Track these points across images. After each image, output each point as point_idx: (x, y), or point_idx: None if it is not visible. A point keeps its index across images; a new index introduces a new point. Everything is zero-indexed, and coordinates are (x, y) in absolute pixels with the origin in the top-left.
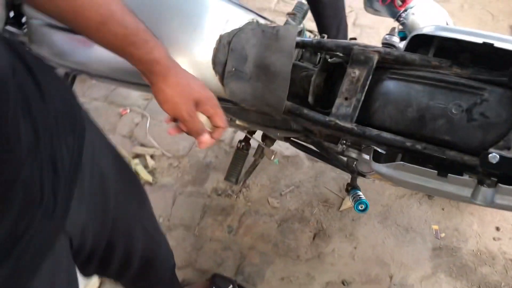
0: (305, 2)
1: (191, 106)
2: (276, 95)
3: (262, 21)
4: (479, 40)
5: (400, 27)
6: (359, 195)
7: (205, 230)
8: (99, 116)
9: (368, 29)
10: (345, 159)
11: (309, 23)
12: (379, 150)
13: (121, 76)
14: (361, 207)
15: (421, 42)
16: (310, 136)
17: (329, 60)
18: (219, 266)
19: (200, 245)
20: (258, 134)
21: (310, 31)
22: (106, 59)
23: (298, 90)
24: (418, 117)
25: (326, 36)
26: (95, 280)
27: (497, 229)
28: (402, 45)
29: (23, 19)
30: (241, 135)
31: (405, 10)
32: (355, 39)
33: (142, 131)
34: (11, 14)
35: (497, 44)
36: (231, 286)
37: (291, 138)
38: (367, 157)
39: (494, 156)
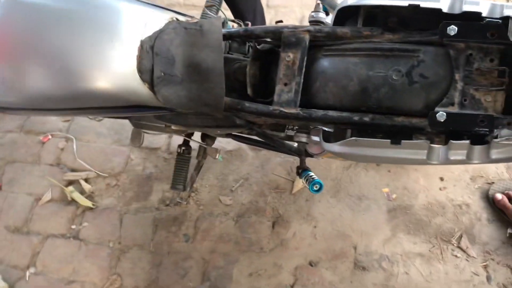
0: None
1: None
2: (213, 93)
3: (181, 18)
4: (405, 3)
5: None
6: (312, 176)
7: (160, 244)
8: (18, 148)
9: (282, 9)
10: (291, 143)
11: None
12: (328, 129)
13: (41, 104)
14: (316, 187)
15: (348, 15)
16: (254, 128)
17: (259, 47)
18: (183, 277)
19: (158, 261)
20: (197, 135)
21: (232, 21)
22: (23, 90)
23: (233, 84)
24: (360, 90)
25: (249, 23)
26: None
27: (441, 179)
28: (329, 20)
29: None
30: (178, 140)
31: None
32: (281, 21)
33: (70, 155)
34: None
35: (423, 4)
36: None
37: (234, 133)
38: (317, 138)
39: (441, 114)
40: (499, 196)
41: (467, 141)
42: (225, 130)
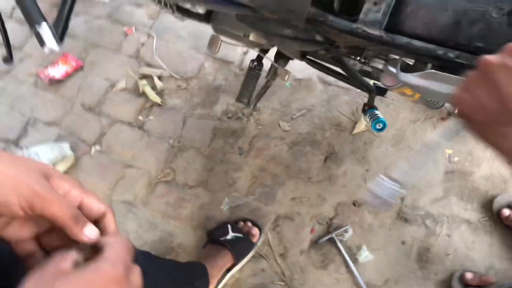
0: None
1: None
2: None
3: None
4: None
5: None
6: (377, 114)
7: (215, 151)
8: (103, 35)
9: None
10: (364, 79)
11: None
12: (407, 60)
13: None
14: (379, 126)
15: None
16: (331, 50)
17: None
18: (230, 186)
19: (210, 166)
20: (271, 54)
21: None
22: None
23: None
24: (453, 22)
25: None
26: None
27: None
28: None
29: None
30: (251, 57)
31: None
32: None
33: (149, 51)
34: None
35: None
36: (229, 226)
37: (308, 57)
38: (393, 69)
39: None
40: (506, 212)
41: None
42: (303, 45)
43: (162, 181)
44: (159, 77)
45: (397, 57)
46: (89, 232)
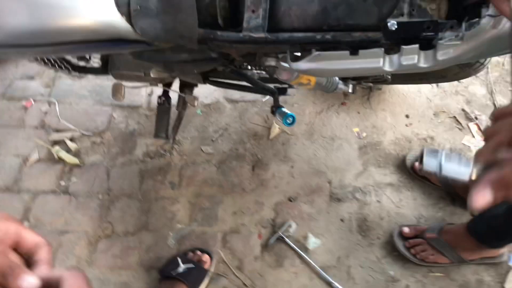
0: None
1: None
2: (187, 24)
3: None
4: None
5: None
6: (284, 110)
7: (148, 192)
8: (1, 114)
9: None
10: (265, 84)
11: None
12: (295, 52)
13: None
14: (289, 120)
15: None
16: (228, 65)
17: None
18: (171, 220)
19: (147, 207)
20: (176, 87)
21: None
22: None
23: (206, 19)
24: (321, 10)
25: None
26: None
27: (407, 116)
28: None
29: None
30: (156, 95)
31: None
32: None
33: (54, 117)
34: None
35: None
36: (179, 258)
37: (210, 79)
38: (285, 63)
39: (392, 24)
40: (417, 165)
41: (416, 45)
42: (203, 66)
43: (102, 237)
44: (71, 139)
45: (285, 52)
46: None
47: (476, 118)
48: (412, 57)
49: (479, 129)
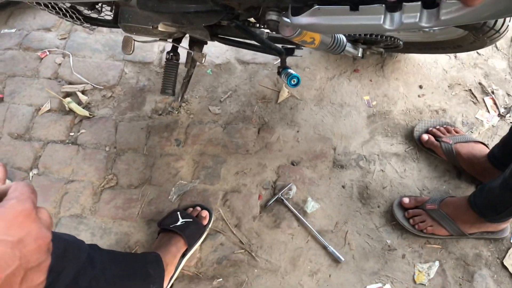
0: None
1: None
2: None
3: None
4: None
5: None
6: (290, 71)
7: (153, 148)
8: (17, 64)
9: None
10: (273, 44)
11: None
12: (296, 5)
13: None
14: (294, 81)
15: None
16: (232, 19)
17: None
18: (174, 176)
19: (151, 162)
20: (185, 44)
21: None
22: None
23: None
24: None
25: None
26: None
27: (420, 87)
28: None
29: None
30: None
31: None
32: None
33: (67, 70)
34: None
35: None
36: (178, 213)
37: (219, 36)
38: (287, 19)
39: None
40: (425, 137)
41: (419, 3)
42: (207, 19)
43: (106, 188)
44: (83, 92)
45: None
46: None
47: (492, 92)
48: (414, 15)
49: (495, 103)
